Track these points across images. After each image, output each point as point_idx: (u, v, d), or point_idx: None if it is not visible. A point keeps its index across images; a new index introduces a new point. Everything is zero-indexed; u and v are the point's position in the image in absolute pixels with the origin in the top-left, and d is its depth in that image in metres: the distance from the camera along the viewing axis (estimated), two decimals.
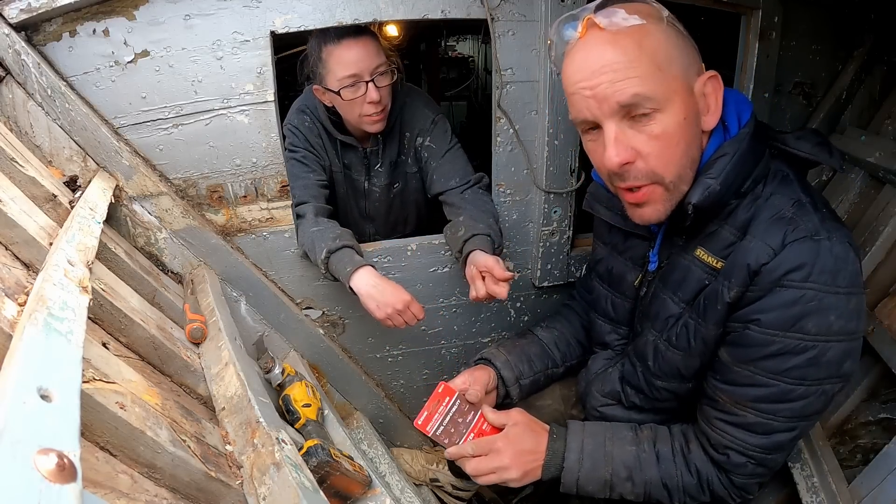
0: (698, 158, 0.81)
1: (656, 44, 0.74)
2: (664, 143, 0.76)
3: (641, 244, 0.98)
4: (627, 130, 0.77)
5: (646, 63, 0.73)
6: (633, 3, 0.77)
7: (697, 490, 0.89)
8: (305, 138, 1.44)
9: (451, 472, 1.55)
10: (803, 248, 0.73)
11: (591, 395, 1.07)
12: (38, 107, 1.10)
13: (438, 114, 1.48)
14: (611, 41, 0.74)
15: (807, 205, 0.77)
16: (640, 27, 0.74)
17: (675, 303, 0.89)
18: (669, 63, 0.75)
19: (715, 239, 0.83)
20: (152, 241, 1.24)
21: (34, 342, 0.50)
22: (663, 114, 0.75)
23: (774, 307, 0.75)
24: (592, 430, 0.96)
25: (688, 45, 0.78)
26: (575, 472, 0.91)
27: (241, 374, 0.92)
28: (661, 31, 0.75)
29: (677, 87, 0.75)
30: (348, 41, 1.25)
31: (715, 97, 0.79)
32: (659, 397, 0.96)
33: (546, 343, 1.20)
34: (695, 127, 0.79)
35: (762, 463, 0.85)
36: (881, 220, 1.28)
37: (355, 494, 0.96)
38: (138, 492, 0.60)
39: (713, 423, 0.86)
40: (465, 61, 4.52)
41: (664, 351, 0.91)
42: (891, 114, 1.37)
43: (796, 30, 1.35)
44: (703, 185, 0.78)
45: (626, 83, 0.73)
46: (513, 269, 1.21)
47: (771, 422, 0.80)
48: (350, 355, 1.53)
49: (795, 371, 0.76)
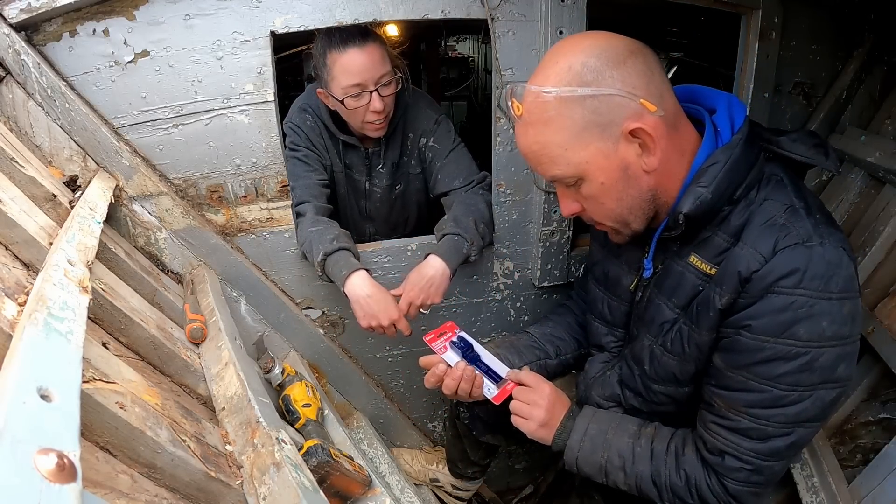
0: (648, 196, 0.83)
1: (558, 127, 0.78)
2: (593, 202, 0.85)
3: (636, 249, 0.98)
4: (565, 188, 0.86)
5: (552, 149, 0.80)
6: (548, 68, 0.78)
7: (684, 493, 0.89)
8: (307, 137, 1.43)
9: (450, 472, 1.55)
10: (794, 255, 0.73)
11: (592, 399, 1.08)
12: (38, 107, 1.10)
13: (441, 114, 1.48)
14: (525, 129, 0.81)
15: (800, 210, 0.77)
16: (541, 109, 0.78)
17: (669, 308, 0.89)
18: (574, 140, 0.78)
19: (708, 245, 0.83)
20: (152, 241, 1.24)
21: (34, 342, 0.50)
22: (585, 181, 0.82)
23: (765, 313, 0.75)
24: (601, 417, 1.00)
25: (599, 104, 0.75)
26: (575, 451, 0.97)
27: (241, 374, 0.92)
28: (561, 108, 0.76)
29: (589, 158, 0.79)
30: (353, 50, 1.23)
31: (653, 137, 0.77)
32: (656, 400, 0.97)
33: (538, 337, 1.22)
34: (623, 182, 0.81)
35: (758, 470, 0.84)
36: (881, 220, 1.28)
37: (355, 494, 0.96)
38: (138, 492, 0.60)
39: (709, 426, 0.87)
40: (465, 61, 4.52)
41: (660, 356, 0.92)
42: (891, 114, 1.37)
43: (796, 30, 1.35)
44: (695, 195, 0.78)
45: (541, 168, 0.83)
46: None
47: (765, 427, 0.80)
48: (350, 355, 1.53)
49: (788, 377, 0.76)
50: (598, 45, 0.77)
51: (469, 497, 1.61)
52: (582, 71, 0.75)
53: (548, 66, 0.79)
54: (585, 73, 0.75)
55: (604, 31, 0.81)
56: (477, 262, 1.42)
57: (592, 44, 0.77)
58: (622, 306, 1.02)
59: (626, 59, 0.75)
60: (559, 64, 0.77)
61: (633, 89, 0.75)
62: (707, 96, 0.88)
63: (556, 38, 1.17)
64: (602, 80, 0.75)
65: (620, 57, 0.75)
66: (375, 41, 1.26)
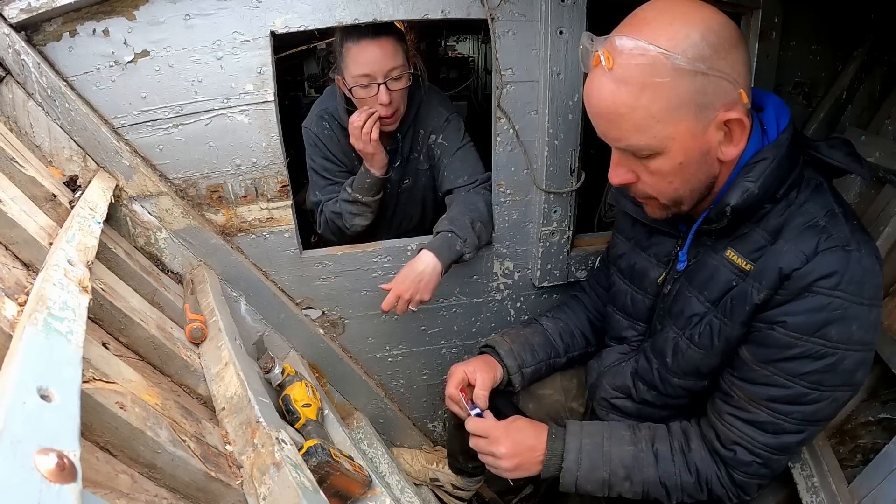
0: (709, 182, 0.82)
1: (658, 94, 0.72)
2: (659, 177, 0.81)
3: (668, 241, 0.98)
4: (630, 157, 0.81)
5: (641, 116, 0.74)
6: (660, 27, 0.71)
7: (696, 489, 0.89)
8: (325, 147, 1.48)
9: (451, 467, 1.55)
10: (835, 258, 0.74)
11: (602, 387, 1.08)
12: (38, 107, 1.10)
13: (453, 112, 1.49)
14: (612, 86, 0.74)
15: (839, 215, 0.78)
16: (646, 71, 0.71)
17: (700, 301, 0.89)
18: (670, 113, 0.73)
19: (746, 241, 0.84)
20: (152, 241, 1.24)
21: (34, 342, 0.50)
22: (660, 156, 0.78)
23: (802, 311, 0.76)
24: (590, 430, 0.97)
25: (707, 83, 0.71)
26: (574, 472, 0.93)
27: (241, 374, 0.92)
28: (670, 76, 0.70)
29: (676, 135, 0.75)
30: (366, 41, 1.26)
31: (741, 131, 0.77)
32: (672, 394, 0.97)
33: (550, 333, 1.22)
34: (699, 164, 0.79)
35: (767, 463, 0.85)
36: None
37: (355, 494, 0.96)
38: (138, 492, 0.60)
39: (724, 417, 0.87)
40: (465, 61, 4.51)
41: (685, 349, 0.92)
42: (891, 114, 1.37)
43: (796, 30, 1.35)
44: (742, 188, 0.79)
45: (618, 133, 0.77)
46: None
47: (782, 422, 0.82)
48: (350, 355, 1.53)
49: (813, 375, 0.78)
50: (716, 21, 0.72)
51: (469, 497, 1.61)
52: (701, 44, 0.70)
53: (658, 24, 0.71)
54: (705, 47, 0.70)
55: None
56: (476, 262, 1.42)
57: (710, 17, 0.72)
58: (646, 300, 1.02)
59: (738, 44, 0.73)
60: (674, 26, 0.70)
61: (739, 77, 0.73)
62: (754, 94, 0.87)
63: (556, 38, 1.17)
64: (718, 59, 0.71)
65: (734, 40, 0.73)
66: (391, 35, 1.28)
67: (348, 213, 1.46)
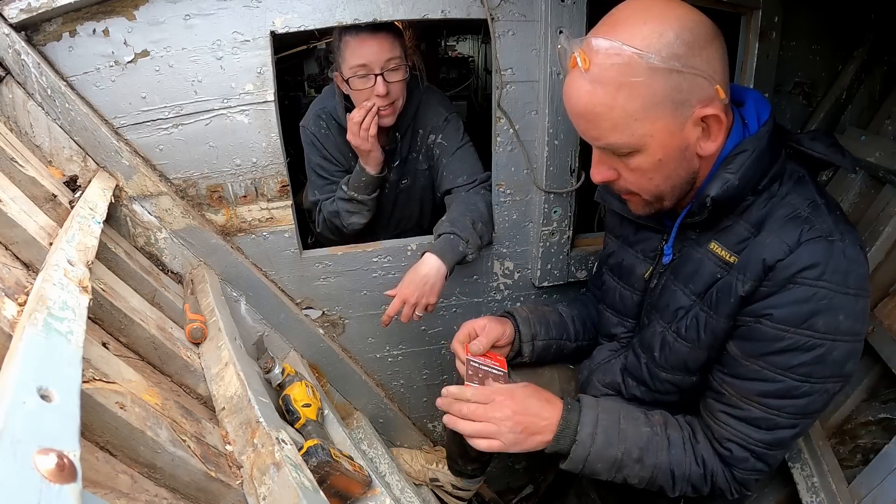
0: (690, 177, 0.83)
1: (634, 93, 0.73)
2: (640, 174, 0.82)
3: (654, 236, 0.98)
4: (611, 155, 0.82)
5: (618, 115, 0.75)
6: (634, 26, 0.72)
7: (701, 481, 0.89)
8: (323, 146, 1.48)
9: (450, 469, 1.55)
10: (818, 248, 0.74)
11: (592, 385, 1.08)
12: (38, 107, 1.10)
13: (452, 112, 1.49)
14: (589, 86, 0.75)
15: (822, 206, 0.78)
16: (622, 71, 0.72)
17: (685, 295, 0.90)
18: (647, 111, 0.74)
19: (729, 233, 0.84)
20: (152, 241, 1.24)
21: (34, 342, 0.50)
22: (640, 154, 0.79)
23: (787, 303, 0.76)
24: (606, 405, 0.93)
25: (683, 81, 0.72)
26: (587, 446, 0.88)
27: (241, 374, 0.92)
28: (645, 75, 0.71)
29: (654, 132, 0.76)
30: (365, 35, 1.27)
31: (718, 126, 0.77)
32: (661, 389, 0.97)
33: (566, 316, 1.22)
34: (678, 160, 0.80)
35: (762, 458, 0.86)
36: (881, 220, 1.28)
37: (355, 494, 0.96)
38: (138, 492, 0.60)
39: (717, 416, 0.87)
40: (465, 61, 4.51)
41: (672, 342, 0.92)
42: (891, 114, 1.37)
43: (796, 30, 1.35)
44: (723, 180, 0.79)
45: (597, 132, 0.78)
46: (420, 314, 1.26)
47: (775, 417, 0.82)
48: (350, 355, 1.53)
49: (802, 368, 0.78)
50: (690, 19, 0.73)
51: (469, 497, 1.61)
52: (675, 42, 0.71)
53: (632, 24, 0.72)
54: (679, 45, 0.71)
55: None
56: (477, 262, 1.42)
57: (684, 16, 0.73)
58: (634, 295, 1.03)
59: (713, 41, 0.74)
60: (648, 26, 0.71)
61: (714, 73, 0.74)
62: (734, 90, 0.88)
63: (556, 38, 1.16)
64: (692, 57, 0.72)
65: (709, 36, 0.74)
66: (389, 31, 1.29)
67: (345, 211, 1.47)
